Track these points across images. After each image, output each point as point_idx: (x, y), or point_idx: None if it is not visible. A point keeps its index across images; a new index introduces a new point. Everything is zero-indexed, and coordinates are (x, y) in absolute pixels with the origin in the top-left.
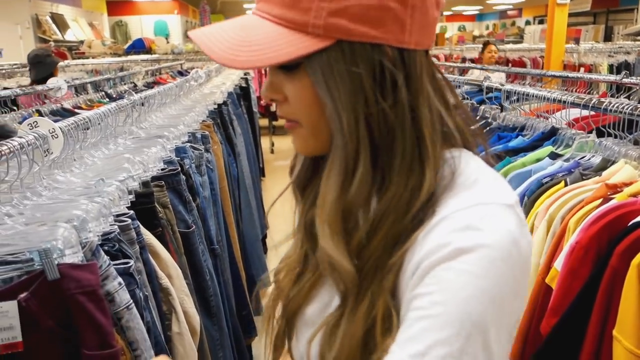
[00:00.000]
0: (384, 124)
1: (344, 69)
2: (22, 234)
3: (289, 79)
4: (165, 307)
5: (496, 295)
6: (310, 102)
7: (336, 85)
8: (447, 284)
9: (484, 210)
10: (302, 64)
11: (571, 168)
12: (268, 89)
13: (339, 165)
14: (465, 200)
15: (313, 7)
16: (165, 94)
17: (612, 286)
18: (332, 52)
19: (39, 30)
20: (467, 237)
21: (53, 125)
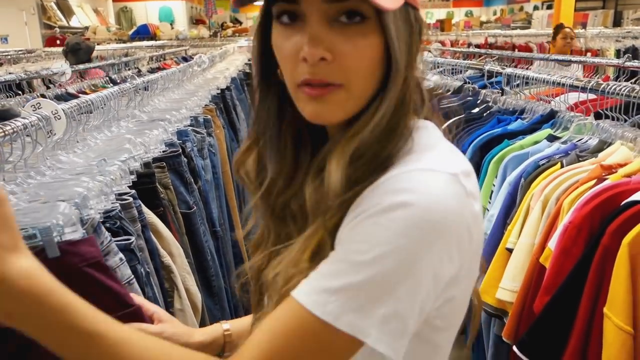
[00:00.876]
0: (410, 85)
1: (406, 28)
2: (25, 211)
3: (351, 34)
4: (167, 285)
5: (414, 255)
6: (370, 59)
7: (405, 45)
8: (369, 236)
9: (422, 175)
10: (368, 20)
11: (568, 150)
12: (319, 44)
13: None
14: (410, 164)
15: None
16: (168, 79)
17: (603, 265)
18: (402, 12)
19: (44, 16)
20: (397, 197)
21: (55, 107)
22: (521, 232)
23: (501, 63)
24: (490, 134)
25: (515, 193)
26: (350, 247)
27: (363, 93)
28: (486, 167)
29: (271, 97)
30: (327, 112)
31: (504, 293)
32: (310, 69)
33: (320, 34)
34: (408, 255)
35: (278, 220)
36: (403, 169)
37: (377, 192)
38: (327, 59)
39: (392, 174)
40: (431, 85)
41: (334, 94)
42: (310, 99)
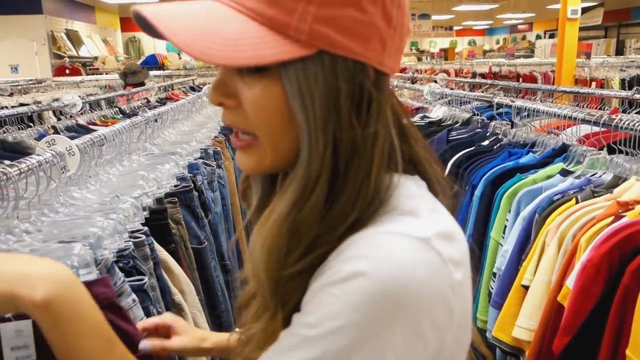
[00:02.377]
0: (350, 147)
1: (322, 84)
2: (40, 252)
3: (251, 83)
4: None
5: (370, 333)
6: (274, 111)
7: (312, 100)
8: (322, 309)
9: (385, 240)
10: (272, 69)
11: (582, 185)
12: (218, 90)
13: (298, 183)
14: (373, 228)
15: (298, 9)
16: (178, 110)
17: (624, 305)
18: (312, 63)
19: (54, 46)
20: (353, 265)
21: (70, 143)
22: (537, 269)
23: (507, 93)
24: (502, 167)
25: (530, 229)
26: (303, 319)
27: (279, 147)
28: (499, 201)
29: None
30: (246, 163)
31: (521, 331)
32: (224, 113)
33: (224, 79)
34: (362, 333)
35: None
36: (368, 232)
37: (338, 257)
38: (227, 105)
39: (355, 237)
40: (439, 116)
41: (252, 146)
42: (235, 146)
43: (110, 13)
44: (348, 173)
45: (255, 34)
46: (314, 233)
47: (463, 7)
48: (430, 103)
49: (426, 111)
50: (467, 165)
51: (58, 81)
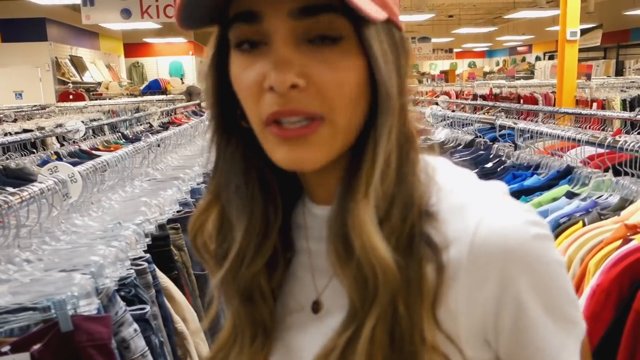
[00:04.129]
0: (407, 112)
1: (392, 47)
2: (40, 281)
3: (326, 55)
4: (180, 352)
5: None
6: (356, 83)
7: (390, 63)
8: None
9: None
10: (344, 39)
11: (588, 208)
12: (286, 70)
13: (383, 154)
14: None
15: None
16: (180, 135)
17: (636, 330)
18: (384, 29)
19: (58, 72)
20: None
21: (72, 170)
22: None
23: (508, 115)
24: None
25: None
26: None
27: (349, 126)
28: None
29: (234, 144)
30: (307, 156)
31: None
32: (279, 100)
33: (289, 57)
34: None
35: (245, 301)
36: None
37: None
38: (300, 85)
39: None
40: (442, 139)
41: (316, 132)
42: (283, 141)
43: (114, 39)
44: (409, 142)
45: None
46: (398, 206)
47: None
48: (432, 125)
49: (428, 134)
50: None
51: (62, 107)
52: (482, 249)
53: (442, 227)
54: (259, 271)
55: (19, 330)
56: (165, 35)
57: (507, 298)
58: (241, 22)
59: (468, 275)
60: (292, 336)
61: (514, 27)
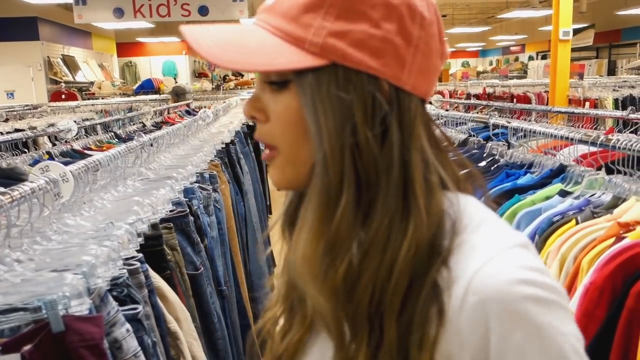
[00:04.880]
0: (370, 159)
1: (334, 94)
2: (31, 282)
3: (275, 97)
4: (173, 352)
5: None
6: (292, 124)
7: (324, 109)
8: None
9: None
10: (291, 82)
11: (581, 206)
12: (251, 104)
13: (318, 195)
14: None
15: (314, 25)
16: (173, 134)
17: (629, 328)
18: (325, 74)
19: (50, 72)
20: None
21: (64, 169)
22: None
23: (502, 114)
24: (500, 188)
25: None
26: None
27: (298, 160)
28: None
29: None
30: (274, 177)
31: None
32: (257, 128)
33: (258, 93)
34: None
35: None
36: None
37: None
38: (258, 118)
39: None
40: None
41: (275, 158)
42: (265, 160)
43: (107, 38)
44: (378, 187)
45: (272, 45)
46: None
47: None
48: None
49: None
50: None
51: (54, 106)
52: (475, 296)
53: (452, 267)
54: None
55: (10, 331)
56: (159, 35)
57: (495, 349)
58: None
59: (461, 320)
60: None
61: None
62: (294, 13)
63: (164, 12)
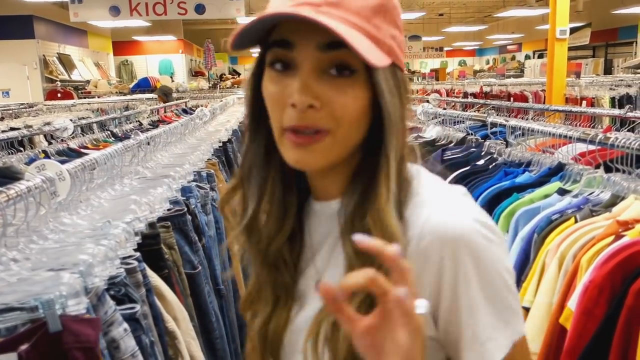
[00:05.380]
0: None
1: (396, 85)
2: (28, 281)
3: (339, 85)
4: (171, 351)
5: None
6: (357, 108)
7: (395, 97)
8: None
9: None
10: (359, 75)
11: (580, 204)
12: (307, 93)
13: (394, 168)
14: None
15: (383, 27)
16: (170, 133)
17: (629, 327)
18: (390, 69)
19: (46, 70)
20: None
21: (60, 168)
22: (537, 290)
23: (499, 112)
24: (498, 187)
25: (529, 249)
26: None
27: (348, 141)
28: (496, 220)
29: (259, 140)
30: (311, 159)
31: None
32: (298, 115)
33: (310, 83)
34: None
35: (272, 268)
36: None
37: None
38: (315, 106)
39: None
40: (433, 136)
41: (322, 141)
42: (295, 146)
43: (103, 37)
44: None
45: (370, 44)
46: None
47: (453, 28)
48: (423, 123)
49: (420, 131)
50: (463, 185)
51: (50, 105)
52: (427, 237)
53: (407, 218)
54: (282, 245)
55: (6, 330)
56: (155, 33)
57: (447, 274)
58: (277, 47)
59: (417, 260)
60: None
61: (503, 26)
62: (367, 13)
63: (160, 11)
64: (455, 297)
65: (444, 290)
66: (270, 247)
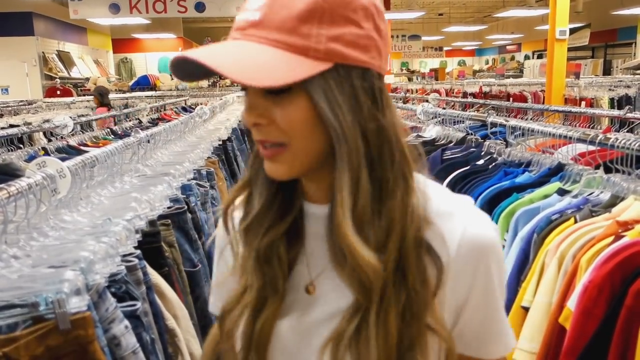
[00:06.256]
0: (377, 138)
1: (343, 89)
2: (29, 278)
3: (279, 101)
4: (171, 349)
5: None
6: (304, 121)
7: (339, 104)
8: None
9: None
10: (297, 87)
11: (580, 204)
12: (252, 113)
13: (346, 175)
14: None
15: (313, 34)
16: (170, 131)
17: (628, 326)
18: (330, 74)
19: (45, 67)
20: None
21: (61, 165)
22: (537, 290)
23: (498, 112)
24: (498, 186)
25: (529, 249)
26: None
27: (307, 152)
28: (496, 220)
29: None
30: (277, 169)
31: (522, 354)
32: (254, 132)
33: (255, 102)
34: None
35: (263, 262)
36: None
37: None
38: (261, 123)
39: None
40: (433, 136)
41: (281, 154)
42: (265, 158)
43: (102, 34)
44: (383, 161)
45: (282, 59)
46: (385, 220)
47: (452, 28)
48: (423, 122)
49: (419, 131)
50: (463, 185)
51: (49, 102)
52: (468, 247)
53: (437, 229)
54: (277, 239)
55: (7, 327)
56: (154, 31)
57: (481, 278)
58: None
59: (455, 267)
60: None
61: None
62: (291, 25)
63: (160, 8)
64: (485, 297)
65: (475, 292)
66: (264, 239)
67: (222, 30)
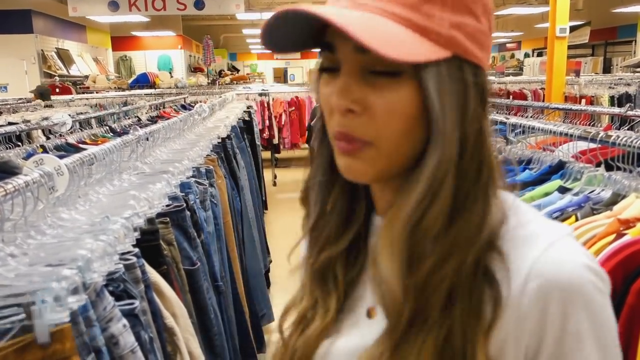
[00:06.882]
0: (474, 144)
1: (456, 84)
2: (26, 276)
3: (383, 89)
4: (169, 348)
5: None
6: (405, 115)
7: (448, 99)
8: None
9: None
10: (406, 74)
11: (581, 202)
12: (346, 96)
13: (426, 185)
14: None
15: (436, 15)
16: (169, 129)
17: (630, 326)
18: (448, 65)
19: (44, 65)
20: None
21: (59, 163)
22: None
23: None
24: None
25: None
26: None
27: (396, 153)
28: None
29: (326, 143)
30: (357, 168)
31: None
32: (339, 121)
33: (349, 85)
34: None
35: (318, 275)
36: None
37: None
38: (355, 111)
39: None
40: None
41: (363, 151)
42: (342, 153)
43: (102, 32)
44: (470, 170)
45: (408, 35)
46: (449, 239)
47: None
48: None
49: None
50: None
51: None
52: (537, 282)
53: (505, 259)
54: (335, 257)
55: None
56: (154, 29)
57: (553, 327)
58: (325, 51)
59: (517, 306)
60: (345, 332)
61: (503, 24)
62: (414, 1)
63: (160, 6)
64: (562, 352)
65: (547, 341)
66: (321, 255)
67: (222, 28)
